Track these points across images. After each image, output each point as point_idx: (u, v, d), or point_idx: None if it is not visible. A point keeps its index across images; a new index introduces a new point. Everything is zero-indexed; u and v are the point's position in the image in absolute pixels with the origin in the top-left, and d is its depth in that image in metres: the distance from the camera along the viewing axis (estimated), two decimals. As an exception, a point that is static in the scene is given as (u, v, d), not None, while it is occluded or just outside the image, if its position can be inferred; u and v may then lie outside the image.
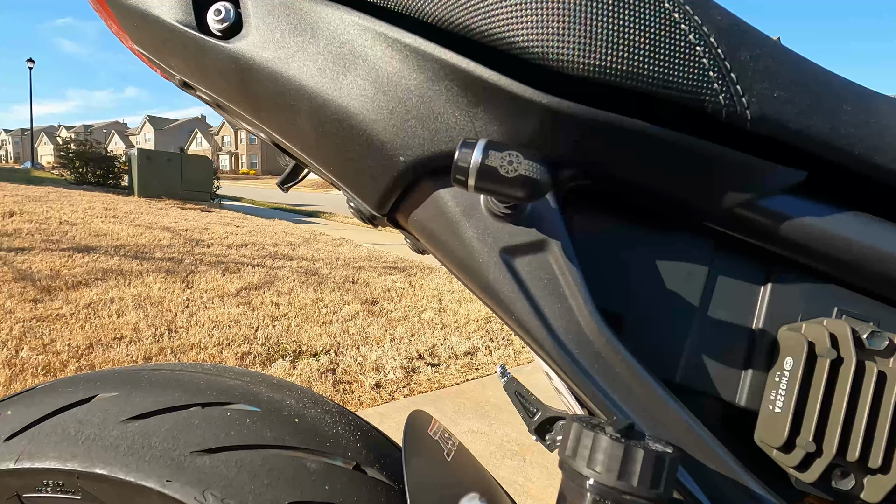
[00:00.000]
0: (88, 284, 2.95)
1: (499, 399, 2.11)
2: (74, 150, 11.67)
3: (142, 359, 2.14)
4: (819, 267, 0.34)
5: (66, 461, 0.42)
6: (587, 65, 0.27)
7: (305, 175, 0.50)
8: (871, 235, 0.32)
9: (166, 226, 5.33)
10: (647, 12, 0.27)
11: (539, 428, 0.58)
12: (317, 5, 0.31)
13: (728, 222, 0.33)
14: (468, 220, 0.31)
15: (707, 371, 0.35)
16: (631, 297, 0.35)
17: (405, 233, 0.41)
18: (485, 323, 3.05)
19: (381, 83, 0.30)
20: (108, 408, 0.44)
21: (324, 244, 5.33)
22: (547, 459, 1.69)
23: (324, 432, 0.45)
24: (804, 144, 0.30)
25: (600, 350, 0.32)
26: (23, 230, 4.17)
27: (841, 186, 0.33)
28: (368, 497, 0.42)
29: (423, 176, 0.31)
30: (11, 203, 5.52)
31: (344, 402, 1.96)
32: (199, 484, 0.40)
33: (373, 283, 3.74)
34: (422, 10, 0.29)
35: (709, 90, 0.28)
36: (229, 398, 0.45)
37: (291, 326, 2.66)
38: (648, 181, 0.32)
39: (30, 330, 2.25)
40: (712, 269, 0.35)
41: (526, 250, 0.31)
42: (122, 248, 3.99)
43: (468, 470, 0.46)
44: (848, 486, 0.31)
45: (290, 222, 7.39)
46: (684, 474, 0.32)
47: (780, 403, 0.32)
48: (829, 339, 0.31)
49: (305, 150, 0.35)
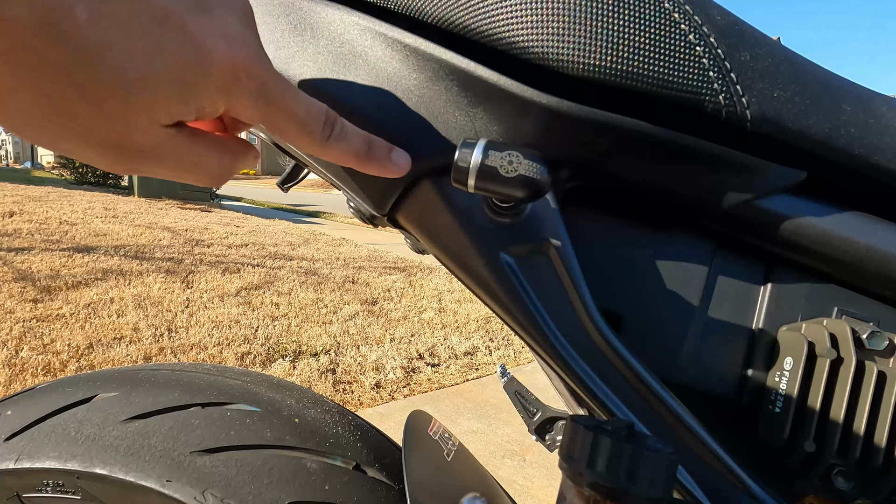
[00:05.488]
0: (88, 284, 2.95)
1: (499, 399, 2.11)
2: (74, 150, 11.65)
3: (142, 359, 2.14)
4: (819, 267, 0.34)
5: (66, 461, 0.42)
6: (587, 65, 0.27)
7: (305, 175, 0.50)
8: (871, 235, 0.32)
9: (166, 226, 5.33)
10: (647, 12, 0.27)
11: (539, 428, 0.58)
12: (317, 5, 0.31)
13: (728, 222, 0.33)
14: (468, 220, 0.31)
15: (707, 371, 0.35)
16: (631, 297, 0.35)
17: (405, 233, 0.41)
18: (485, 323, 3.05)
19: (381, 83, 0.30)
20: (108, 408, 0.44)
21: (324, 244, 5.33)
22: (547, 459, 1.69)
23: (324, 432, 0.45)
24: (804, 144, 0.30)
25: (600, 350, 0.32)
26: (23, 230, 4.17)
27: (841, 186, 0.33)
28: (368, 497, 0.42)
29: (423, 176, 0.31)
30: (11, 203, 5.53)
31: (344, 402, 1.96)
32: (198, 484, 0.40)
33: (373, 283, 3.74)
34: (422, 10, 0.29)
35: (709, 90, 0.28)
36: (229, 398, 0.46)
37: (291, 326, 2.66)
38: (648, 181, 0.32)
39: (30, 330, 2.25)
40: (712, 269, 0.35)
41: (526, 250, 0.31)
42: (122, 248, 3.99)
43: (468, 470, 0.46)
44: (848, 487, 0.31)
45: (290, 222, 7.39)
46: (684, 474, 0.32)
47: (780, 403, 0.32)
48: (829, 339, 0.31)
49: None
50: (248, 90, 0.22)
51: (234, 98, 0.22)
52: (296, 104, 0.23)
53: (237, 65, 0.21)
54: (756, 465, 0.34)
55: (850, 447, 0.31)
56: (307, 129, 0.24)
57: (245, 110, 0.22)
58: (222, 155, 0.24)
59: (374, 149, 0.27)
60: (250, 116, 0.23)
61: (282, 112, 0.23)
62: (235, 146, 0.25)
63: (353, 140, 0.26)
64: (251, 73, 0.21)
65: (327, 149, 0.25)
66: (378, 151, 0.28)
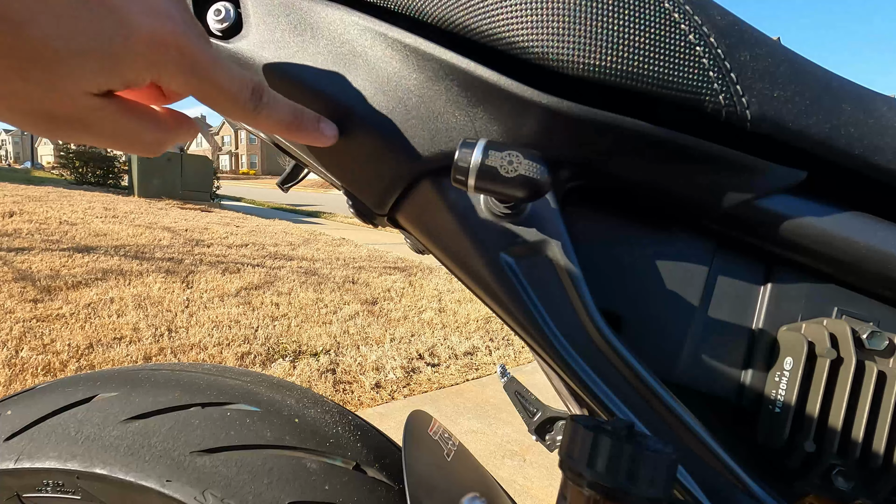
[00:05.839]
0: (88, 284, 2.95)
1: (499, 399, 2.11)
2: (74, 149, 11.67)
3: (142, 359, 2.14)
4: (819, 267, 0.34)
5: (66, 461, 0.42)
6: (587, 65, 0.27)
7: (305, 175, 0.50)
8: (871, 235, 0.32)
9: (166, 226, 5.33)
10: (647, 12, 0.27)
11: (539, 428, 0.58)
12: (317, 5, 0.31)
13: (728, 222, 0.33)
14: (468, 220, 0.31)
15: (707, 371, 0.35)
16: (631, 297, 0.34)
17: (405, 233, 0.41)
18: (485, 323, 3.05)
19: (381, 83, 0.30)
20: (108, 408, 0.44)
21: (324, 244, 5.33)
22: (547, 459, 1.69)
23: (324, 432, 0.45)
24: (804, 144, 0.30)
25: (600, 350, 0.32)
26: (23, 230, 4.17)
27: (841, 186, 0.33)
28: (368, 497, 0.42)
29: (423, 176, 0.31)
30: (11, 203, 5.53)
31: (344, 402, 1.96)
32: (198, 484, 0.40)
33: (373, 283, 3.74)
34: (422, 10, 0.29)
35: (709, 90, 0.28)
36: (229, 398, 0.46)
37: (291, 326, 2.66)
38: (648, 181, 0.32)
39: (30, 330, 2.25)
40: (712, 269, 0.35)
41: (526, 250, 0.31)
42: (122, 248, 3.99)
43: (468, 470, 0.46)
44: (848, 486, 0.31)
45: (290, 222, 7.39)
46: (684, 474, 0.32)
47: (780, 403, 0.32)
48: (829, 339, 0.31)
49: (305, 150, 0.35)
50: (176, 63, 0.23)
51: (163, 70, 0.23)
52: (223, 75, 0.24)
53: (163, 38, 0.22)
54: (756, 465, 0.34)
55: (849, 447, 0.31)
56: (235, 100, 0.25)
57: (174, 81, 0.23)
58: (155, 126, 0.25)
59: (302, 118, 0.29)
60: (180, 87, 0.24)
61: (210, 83, 0.24)
62: (170, 119, 0.27)
63: (281, 109, 0.27)
64: (178, 45, 0.22)
65: (257, 118, 0.27)
66: (307, 121, 0.29)
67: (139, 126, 0.25)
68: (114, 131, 0.24)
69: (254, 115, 0.26)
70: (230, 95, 0.25)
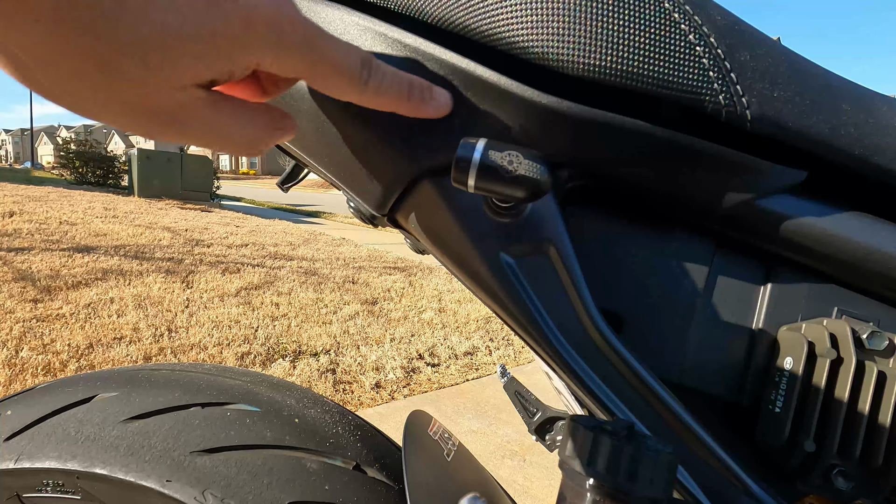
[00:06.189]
0: (88, 284, 2.95)
1: (499, 399, 2.11)
2: (74, 150, 11.69)
3: (142, 359, 2.14)
4: (819, 267, 0.34)
5: (66, 461, 0.42)
6: (587, 65, 0.27)
7: (305, 175, 0.50)
8: (871, 235, 0.32)
9: (166, 226, 5.33)
10: (647, 12, 0.27)
11: (539, 428, 0.58)
12: (317, 5, 0.31)
13: (728, 222, 0.33)
14: (468, 220, 0.31)
15: (707, 371, 0.35)
16: (631, 297, 0.34)
17: (405, 233, 0.41)
18: (485, 323, 3.05)
19: None
20: (108, 408, 0.44)
21: (324, 244, 5.33)
22: (547, 459, 1.69)
23: (324, 432, 0.45)
24: (804, 144, 0.30)
25: (600, 350, 0.32)
26: (23, 230, 4.17)
27: (841, 186, 0.33)
28: (368, 497, 0.42)
29: (423, 176, 0.31)
30: (11, 203, 5.53)
31: (344, 402, 1.96)
32: (198, 484, 0.40)
33: (373, 283, 3.74)
34: (422, 10, 0.29)
35: (709, 90, 0.28)
36: (229, 398, 0.46)
37: (291, 326, 2.66)
38: (648, 181, 0.32)
39: (30, 330, 2.25)
40: (712, 269, 0.35)
41: (526, 250, 0.31)
42: (122, 248, 3.99)
43: (468, 470, 0.46)
44: (848, 486, 0.31)
45: (290, 222, 7.39)
46: (684, 474, 0.32)
47: (780, 403, 0.32)
48: (829, 339, 0.31)
49: (305, 150, 0.35)
50: (294, 41, 0.21)
51: (283, 50, 0.21)
52: (335, 48, 0.23)
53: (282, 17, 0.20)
54: (756, 465, 0.34)
55: (850, 447, 0.31)
56: (349, 75, 0.24)
57: (289, 62, 0.22)
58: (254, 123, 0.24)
59: (413, 88, 0.27)
60: (295, 68, 0.22)
61: (325, 60, 0.23)
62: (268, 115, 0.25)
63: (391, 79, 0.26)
64: (294, 22, 0.21)
65: (365, 92, 0.25)
66: (419, 91, 0.27)
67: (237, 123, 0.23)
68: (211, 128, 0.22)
69: (364, 89, 0.25)
70: (343, 70, 0.23)
